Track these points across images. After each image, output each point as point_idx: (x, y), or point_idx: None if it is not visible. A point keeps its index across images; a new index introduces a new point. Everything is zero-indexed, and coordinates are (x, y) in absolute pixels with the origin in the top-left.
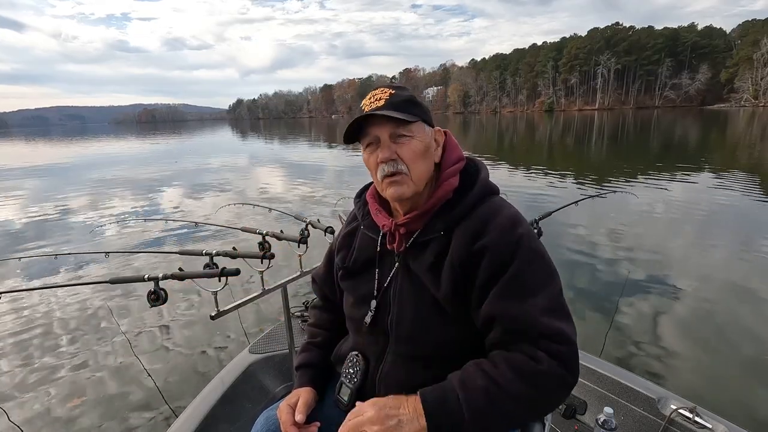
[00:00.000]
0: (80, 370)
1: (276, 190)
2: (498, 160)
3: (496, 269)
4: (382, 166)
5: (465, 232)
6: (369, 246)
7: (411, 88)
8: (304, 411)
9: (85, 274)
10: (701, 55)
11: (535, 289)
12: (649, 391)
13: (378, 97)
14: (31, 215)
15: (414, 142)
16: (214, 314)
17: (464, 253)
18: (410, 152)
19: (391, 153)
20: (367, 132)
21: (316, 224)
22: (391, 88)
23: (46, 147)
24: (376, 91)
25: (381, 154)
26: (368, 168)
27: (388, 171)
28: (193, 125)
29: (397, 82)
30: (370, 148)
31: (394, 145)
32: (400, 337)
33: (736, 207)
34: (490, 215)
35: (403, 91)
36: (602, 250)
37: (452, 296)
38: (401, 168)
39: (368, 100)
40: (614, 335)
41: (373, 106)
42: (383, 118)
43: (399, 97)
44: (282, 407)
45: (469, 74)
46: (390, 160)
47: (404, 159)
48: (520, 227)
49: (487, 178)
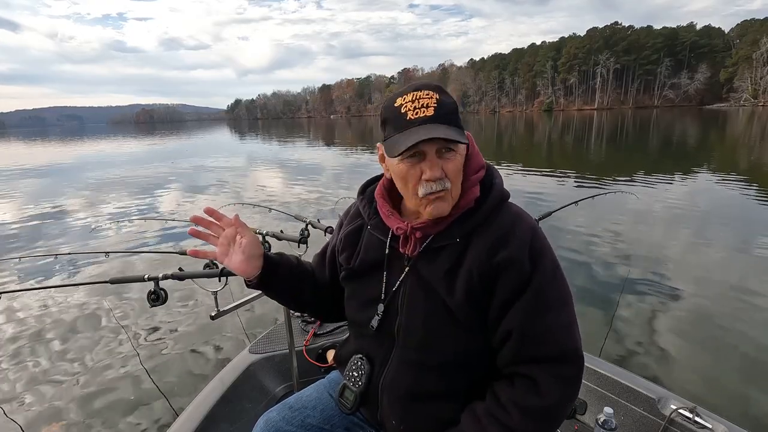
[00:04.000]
0: (80, 370)
1: (275, 190)
2: (498, 160)
3: (518, 284)
4: (429, 185)
5: (485, 241)
6: (377, 248)
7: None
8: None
9: (85, 274)
10: (700, 55)
11: (556, 305)
12: (649, 391)
13: (425, 103)
14: (31, 215)
15: (458, 158)
16: (214, 314)
17: (484, 263)
18: (455, 169)
19: (440, 172)
20: (415, 144)
21: (316, 224)
22: (435, 91)
23: (45, 147)
24: (419, 92)
25: (430, 172)
26: (401, 178)
27: (435, 189)
28: (191, 125)
29: (397, 82)
30: (412, 160)
31: (440, 161)
32: (408, 343)
33: (736, 207)
34: (511, 225)
35: (448, 97)
36: (602, 249)
37: (465, 304)
38: (447, 185)
39: (411, 102)
40: (614, 335)
41: (420, 114)
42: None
43: (447, 106)
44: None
45: (468, 74)
46: (439, 179)
47: (450, 176)
48: (540, 239)
49: (501, 184)
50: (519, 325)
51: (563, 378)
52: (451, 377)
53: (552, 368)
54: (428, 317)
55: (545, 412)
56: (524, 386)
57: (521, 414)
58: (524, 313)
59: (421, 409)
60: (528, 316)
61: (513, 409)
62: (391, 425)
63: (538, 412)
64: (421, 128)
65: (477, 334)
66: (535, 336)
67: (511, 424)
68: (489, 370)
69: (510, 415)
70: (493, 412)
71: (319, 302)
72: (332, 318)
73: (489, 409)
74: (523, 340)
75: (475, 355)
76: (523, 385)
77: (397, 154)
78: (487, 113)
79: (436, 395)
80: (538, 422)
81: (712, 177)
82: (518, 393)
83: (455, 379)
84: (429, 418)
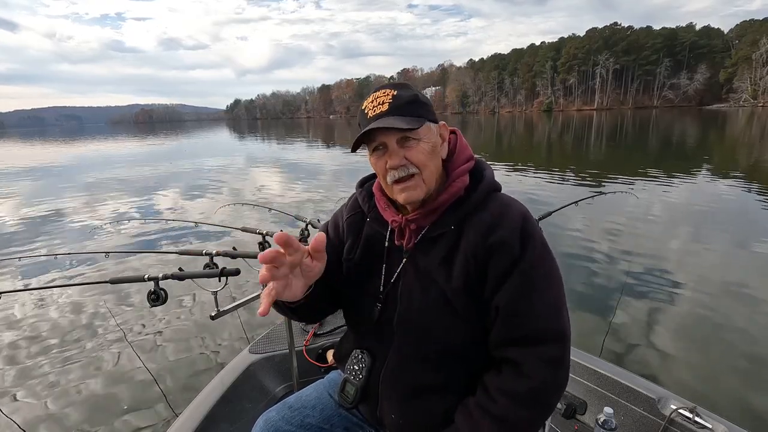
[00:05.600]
0: (80, 370)
1: (275, 190)
2: (497, 160)
3: (508, 265)
4: (392, 172)
5: (479, 225)
6: (376, 240)
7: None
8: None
9: (86, 274)
10: (699, 55)
11: (542, 285)
12: (649, 391)
13: (381, 101)
14: (31, 216)
15: (422, 145)
16: (214, 314)
17: (479, 245)
18: (420, 155)
19: (400, 159)
20: (373, 137)
21: (316, 224)
22: (393, 88)
23: (44, 147)
24: (377, 92)
25: (390, 161)
26: (376, 171)
27: (399, 176)
28: (190, 125)
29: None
30: (377, 153)
31: (402, 150)
32: (406, 334)
33: (736, 207)
34: (503, 209)
35: (406, 90)
36: (602, 249)
37: (463, 289)
38: (412, 171)
39: (370, 102)
40: (614, 335)
41: (376, 111)
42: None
43: (402, 99)
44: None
45: (468, 74)
46: (400, 166)
47: (415, 162)
48: (531, 223)
49: (492, 176)
50: (505, 305)
51: (548, 359)
52: (450, 369)
53: (536, 350)
54: (427, 308)
55: (533, 396)
56: (510, 371)
57: (509, 401)
58: (511, 294)
59: (421, 403)
60: (514, 296)
61: (501, 397)
62: (391, 420)
63: (525, 397)
64: (373, 123)
65: (475, 325)
66: (520, 316)
67: (500, 413)
68: (487, 362)
69: (498, 404)
70: (482, 403)
71: (325, 309)
72: (325, 314)
73: (479, 401)
74: (508, 320)
75: (473, 347)
76: (509, 370)
77: (353, 148)
78: (486, 113)
79: (435, 388)
80: (527, 408)
81: (711, 177)
82: (505, 379)
83: (454, 372)
84: (428, 412)
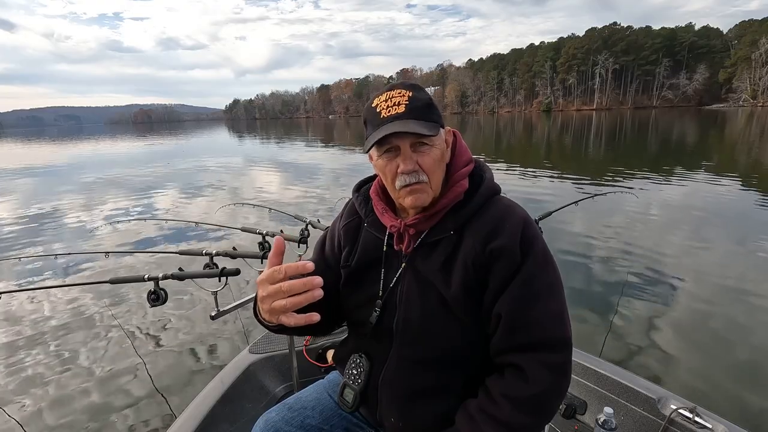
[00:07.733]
0: (79, 370)
1: (275, 190)
2: (497, 160)
3: (510, 271)
4: (404, 177)
5: (478, 231)
6: (374, 245)
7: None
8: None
9: (85, 274)
10: (699, 55)
11: (545, 293)
12: (649, 391)
13: (396, 101)
14: (30, 216)
15: (434, 151)
16: (214, 314)
17: (479, 253)
18: (431, 161)
19: (414, 165)
20: (388, 139)
21: (316, 224)
22: (408, 89)
23: (43, 148)
24: (392, 92)
25: (403, 165)
26: (381, 173)
27: (410, 182)
28: (189, 125)
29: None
30: (388, 155)
31: (415, 155)
32: (405, 339)
33: (735, 206)
34: (503, 215)
35: (421, 93)
36: (602, 249)
37: (462, 295)
38: (422, 178)
39: (384, 101)
40: (614, 335)
41: (391, 112)
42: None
43: (419, 101)
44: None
45: (467, 74)
46: (413, 171)
47: (425, 169)
48: (532, 229)
49: (492, 179)
50: (508, 313)
51: (551, 365)
52: (449, 373)
53: (539, 356)
54: (426, 312)
55: (535, 401)
56: (513, 376)
57: (512, 406)
58: (513, 302)
59: (420, 406)
60: (517, 304)
61: (503, 402)
62: (390, 423)
63: (527, 402)
64: (390, 124)
65: (474, 329)
66: (523, 324)
67: (502, 418)
68: (486, 365)
69: (501, 409)
70: (485, 407)
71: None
72: (330, 328)
73: (481, 405)
74: (511, 328)
75: (472, 350)
76: (512, 375)
77: (367, 149)
78: (485, 113)
79: (434, 391)
80: (529, 414)
81: (711, 177)
82: (508, 384)
83: (453, 375)
84: (428, 415)
